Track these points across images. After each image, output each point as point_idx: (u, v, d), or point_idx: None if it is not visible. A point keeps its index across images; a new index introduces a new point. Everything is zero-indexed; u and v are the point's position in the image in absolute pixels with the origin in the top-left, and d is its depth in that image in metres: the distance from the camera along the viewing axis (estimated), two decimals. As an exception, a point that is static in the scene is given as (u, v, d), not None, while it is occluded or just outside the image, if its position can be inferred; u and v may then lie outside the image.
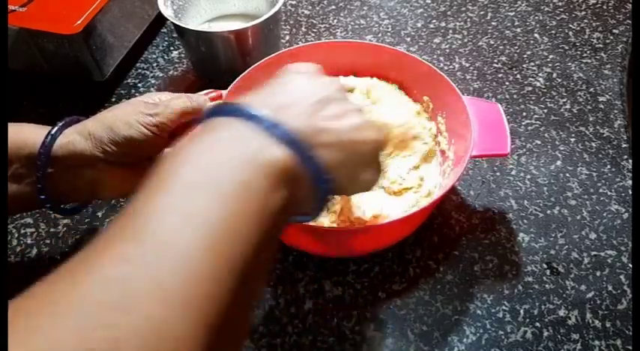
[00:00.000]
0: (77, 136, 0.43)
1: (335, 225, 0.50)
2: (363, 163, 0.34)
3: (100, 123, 0.43)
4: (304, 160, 0.29)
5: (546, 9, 0.80)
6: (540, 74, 0.71)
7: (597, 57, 0.72)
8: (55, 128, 0.43)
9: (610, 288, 0.50)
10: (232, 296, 0.24)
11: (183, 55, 0.75)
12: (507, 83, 0.70)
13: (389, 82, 0.60)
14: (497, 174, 0.60)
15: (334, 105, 0.33)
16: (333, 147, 0.31)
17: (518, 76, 0.70)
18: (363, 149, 0.33)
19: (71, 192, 0.45)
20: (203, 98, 0.47)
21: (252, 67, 0.55)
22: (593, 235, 0.54)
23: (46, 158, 0.42)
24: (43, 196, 0.43)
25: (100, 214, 0.58)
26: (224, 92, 0.52)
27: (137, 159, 0.44)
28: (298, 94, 0.32)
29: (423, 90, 0.57)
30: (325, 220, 0.51)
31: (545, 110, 0.66)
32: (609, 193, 0.58)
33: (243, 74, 0.54)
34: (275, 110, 0.30)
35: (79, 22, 0.59)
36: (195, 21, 0.73)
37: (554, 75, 0.70)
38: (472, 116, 0.50)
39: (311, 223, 0.37)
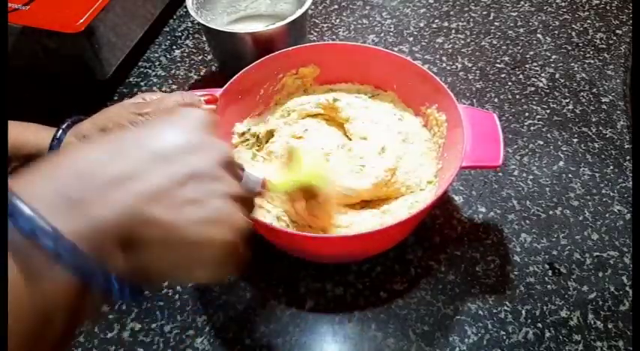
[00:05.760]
0: (73, 139, 0.43)
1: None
2: (197, 265, 0.27)
3: (93, 125, 0.44)
4: (91, 278, 0.23)
5: (549, 9, 0.80)
6: (543, 74, 0.70)
7: (600, 57, 0.72)
8: (60, 131, 0.43)
9: (612, 289, 0.50)
10: None
11: (185, 54, 0.75)
12: (510, 83, 0.69)
13: (387, 90, 0.60)
14: (500, 174, 0.60)
15: (198, 185, 0.26)
16: (158, 244, 0.25)
17: (520, 76, 0.70)
18: (203, 251, 0.26)
19: None
20: (197, 98, 0.47)
21: (247, 68, 0.55)
22: (595, 236, 0.54)
23: None
24: None
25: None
26: (218, 92, 0.52)
27: None
28: (156, 161, 0.25)
29: (423, 98, 0.57)
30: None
31: (548, 111, 0.66)
32: (612, 194, 0.57)
33: (236, 76, 0.54)
34: (92, 191, 0.23)
35: (81, 21, 0.59)
36: (221, 19, 0.74)
37: (557, 75, 0.70)
38: (466, 126, 0.49)
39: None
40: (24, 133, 0.43)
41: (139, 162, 0.25)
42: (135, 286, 0.25)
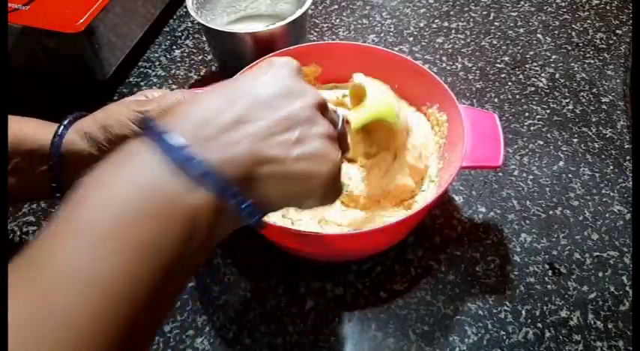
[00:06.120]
0: (75, 136, 0.43)
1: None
2: (306, 195, 0.31)
3: (94, 122, 0.43)
4: (229, 199, 0.26)
5: (549, 9, 0.80)
6: (543, 75, 0.70)
7: (600, 57, 0.72)
8: (62, 127, 0.43)
9: (612, 289, 0.50)
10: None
11: (185, 54, 0.75)
12: (510, 83, 0.69)
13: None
14: (500, 174, 0.60)
15: (299, 127, 0.29)
16: (274, 179, 0.28)
17: (520, 76, 0.70)
18: (310, 183, 0.30)
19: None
20: None
21: (249, 66, 0.55)
22: (595, 236, 0.54)
23: (57, 159, 0.42)
24: (58, 194, 0.44)
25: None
26: None
27: None
28: (262, 107, 0.29)
29: (424, 98, 0.57)
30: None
31: (548, 111, 0.66)
32: (612, 194, 0.57)
33: (238, 73, 0.54)
34: (216, 133, 0.27)
35: (81, 20, 0.60)
36: (221, 19, 0.74)
37: (557, 75, 0.70)
38: (467, 126, 0.50)
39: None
40: (25, 129, 0.44)
41: (249, 108, 0.28)
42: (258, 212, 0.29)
